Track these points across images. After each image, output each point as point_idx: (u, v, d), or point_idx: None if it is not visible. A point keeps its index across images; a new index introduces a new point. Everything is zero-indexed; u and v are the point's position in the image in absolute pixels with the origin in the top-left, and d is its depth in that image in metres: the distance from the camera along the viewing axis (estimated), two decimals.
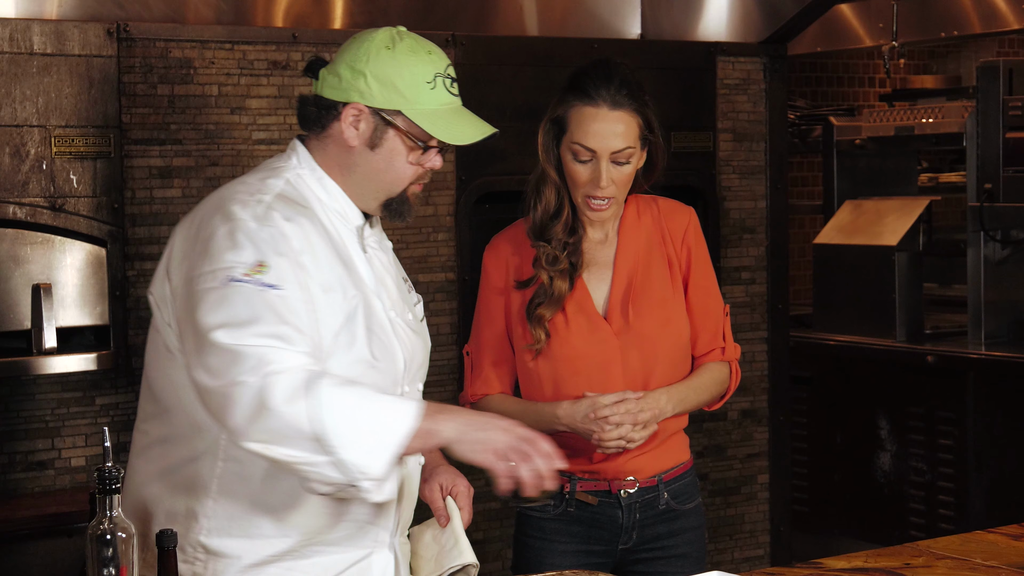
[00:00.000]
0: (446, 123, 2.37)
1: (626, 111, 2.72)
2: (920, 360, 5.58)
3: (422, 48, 2.38)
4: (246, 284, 2.21)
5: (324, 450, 2.13)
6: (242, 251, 2.24)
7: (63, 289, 3.69)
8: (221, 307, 2.20)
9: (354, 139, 2.37)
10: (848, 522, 5.88)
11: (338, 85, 2.37)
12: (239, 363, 2.15)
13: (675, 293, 2.86)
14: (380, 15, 4.47)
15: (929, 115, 6.21)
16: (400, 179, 2.40)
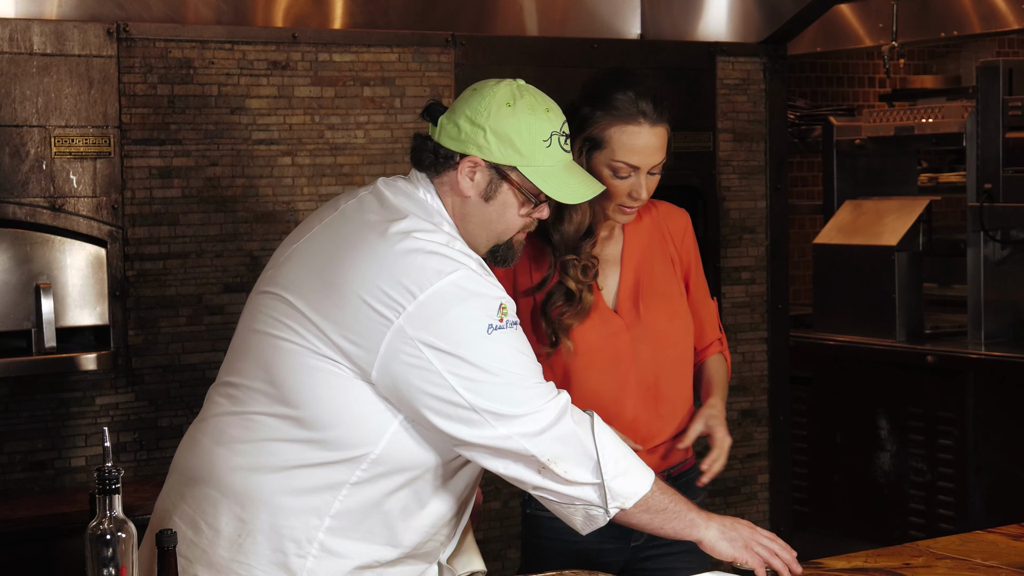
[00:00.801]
0: (558, 181, 2.43)
1: (663, 125, 2.77)
2: (920, 360, 5.58)
3: (541, 106, 2.44)
4: (505, 329, 2.36)
5: (599, 475, 2.39)
6: (486, 298, 2.35)
7: (63, 289, 3.69)
8: (499, 353, 2.33)
9: (469, 190, 2.43)
10: (848, 522, 5.88)
11: (457, 136, 2.43)
12: (534, 395, 2.35)
13: (678, 289, 2.93)
14: (380, 15, 4.47)
15: (929, 115, 6.21)
16: (510, 229, 2.48)
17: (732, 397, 4.71)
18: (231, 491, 2.40)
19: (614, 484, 2.39)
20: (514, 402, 2.33)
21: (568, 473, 2.37)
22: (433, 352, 2.29)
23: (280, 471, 2.39)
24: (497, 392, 2.32)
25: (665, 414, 2.87)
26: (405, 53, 4.19)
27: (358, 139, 4.13)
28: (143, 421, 3.88)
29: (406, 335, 2.29)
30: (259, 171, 4.01)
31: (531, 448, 2.34)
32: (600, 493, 2.39)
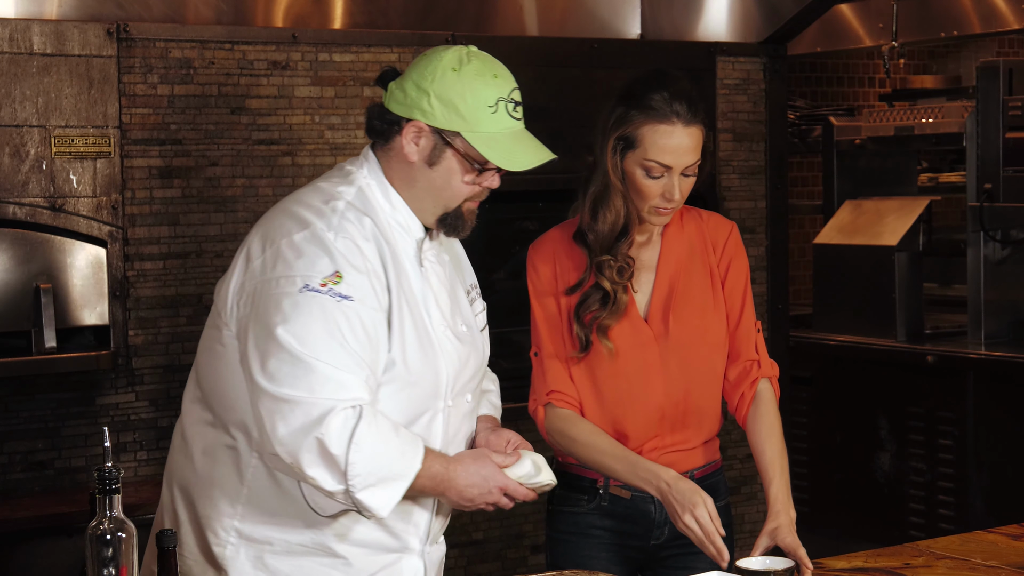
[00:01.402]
0: (503, 148, 2.41)
1: (696, 126, 2.75)
2: (920, 360, 5.57)
3: (488, 71, 2.43)
4: (322, 295, 2.30)
5: (344, 483, 2.29)
6: (319, 260, 2.32)
7: (63, 289, 3.69)
8: (295, 314, 2.29)
9: (414, 155, 2.43)
10: (848, 522, 5.88)
11: (403, 101, 2.42)
12: (304, 377, 2.27)
13: (715, 304, 2.87)
14: (380, 15, 4.47)
15: (929, 115, 6.21)
16: (456, 196, 2.45)
17: None
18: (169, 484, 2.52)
19: (361, 496, 2.30)
20: (282, 379, 2.27)
21: (313, 480, 2.29)
22: (256, 302, 2.34)
23: (197, 459, 2.47)
24: (271, 364, 2.28)
25: (692, 424, 2.84)
26: (405, 53, 4.19)
27: (358, 139, 4.13)
28: (143, 421, 3.88)
29: (247, 292, 2.37)
30: (259, 171, 4.01)
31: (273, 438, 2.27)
32: (350, 502, 2.32)
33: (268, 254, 2.36)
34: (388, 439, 2.32)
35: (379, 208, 2.45)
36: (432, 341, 2.46)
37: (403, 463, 2.34)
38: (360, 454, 2.27)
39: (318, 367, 2.27)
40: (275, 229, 2.39)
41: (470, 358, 2.56)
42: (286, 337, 2.28)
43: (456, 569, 4.29)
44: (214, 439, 2.46)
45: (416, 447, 2.36)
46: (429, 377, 2.45)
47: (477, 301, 2.68)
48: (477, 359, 2.60)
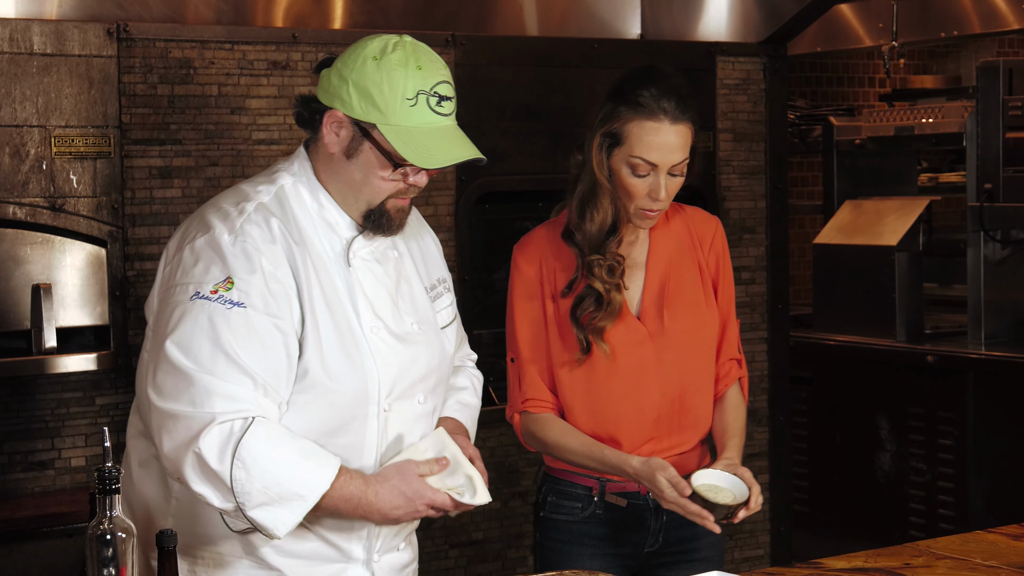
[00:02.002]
0: (420, 144, 2.30)
1: (684, 124, 2.69)
2: (920, 360, 5.58)
3: (412, 62, 2.31)
4: (211, 302, 2.24)
5: (232, 501, 2.22)
6: (212, 265, 2.27)
7: (63, 289, 3.69)
8: (183, 324, 2.25)
9: (334, 146, 2.35)
10: (848, 522, 5.88)
11: (327, 89, 2.36)
12: (186, 390, 2.22)
13: (706, 298, 2.85)
14: (380, 15, 4.47)
15: (929, 115, 6.21)
16: (376, 192, 2.37)
17: None
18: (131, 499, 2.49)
19: (254, 515, 2.23)
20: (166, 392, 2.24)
21: (202, 496, 2.24)
22: (158, 310, 2.32)
23: (136, 469, 2.47)
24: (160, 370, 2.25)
25: (688, 424, 2.82)
26: None
27: None
28: None
29: (157, 293, 2.36)
30: (259, 171, 4.00)
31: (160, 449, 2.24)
32: (245, 521, 2.25)
33: (175, 260, 2.33)
34: (284, 456, 2.23)
35: (302, 207, 2.38)
36: (358, 343, 2.36)
37: (304, 483, 2.23)
38: (245, 470, 2.19)
39: (200, 380, 2.21)
40: (185, 233, 2.36)
41: (419, 357, 2.46)
42: (172, 348, 2.23)
43: (456, 569, 4.29)
44: (146, 450, 2.43)
45: (324, 466, 2.26)
46: (355, 381, 2.36)
47: (444, 296, 2.59)
48: (431, 358, 2.50)
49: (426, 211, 4.18)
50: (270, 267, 2.28)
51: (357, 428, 2.38)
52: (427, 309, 2.53)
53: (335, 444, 2.35)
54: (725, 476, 2.65)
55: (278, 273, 2.29)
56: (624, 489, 2.80)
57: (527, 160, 4.32)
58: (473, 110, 4.19)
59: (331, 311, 2.35)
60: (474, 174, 4.24)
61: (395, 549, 2.52)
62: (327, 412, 2.34)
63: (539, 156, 3.91)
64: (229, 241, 2.28)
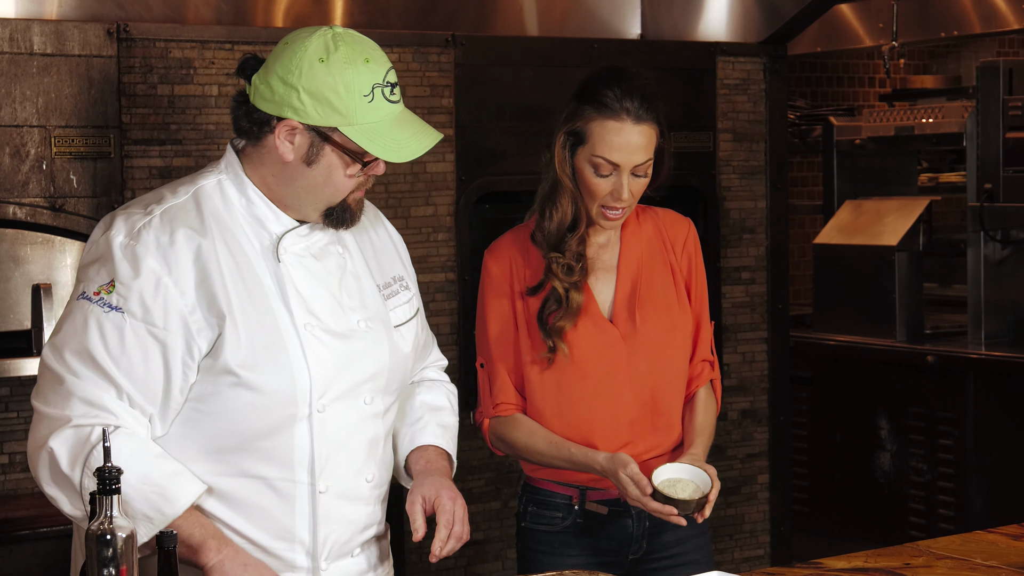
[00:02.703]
0: (385, 138, 2.26)
1: (648, 124, 2.68)
2: (920, 360, 5.58)
3: (359, 56, 2.24)
4: (91, 304, 2.22)
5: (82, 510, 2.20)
6: (100, 267, 2.24)
7: (63, 289, 3.69)
8: (64, 323, 2.25)
9: (289, 154, 2.28)
10: (848, 522, 5.88)
11: (271, 98, 2.27)
12: (51, 391, 2.21)
13: (679, 300, 2.83)
14: (380, 15, 4.47)
15: (929, 115, 6.21)
16: (340, 191, 2.32)
17: (732, 397, 4.71)
18: None
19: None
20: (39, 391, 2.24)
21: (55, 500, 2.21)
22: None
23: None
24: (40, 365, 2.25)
25: (662, 427, 2.81)
26: (405, 53, 4.19)
27: None
28: None
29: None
30: None
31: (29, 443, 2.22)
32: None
33: (82, 255, 2.33)
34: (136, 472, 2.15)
35: (227, 205, 2.32)
36: (285, 342, 2.29)
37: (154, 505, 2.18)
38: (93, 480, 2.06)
39: (66, 380, 2.19)
40: (98, 228, 2.33)
41: (364, 356, 2.38)
42: (48, 348, 2.23)
43: (456, 569, 4.29)
44: None
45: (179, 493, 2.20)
46: (280, 381, 2.28)
47: (400, 294, 2.51)
48: (380, 357, 2.41)
49: (426, 211, 4.18)
50: (158, 274, 2.23)
51: (285, 430, 2.30)
52: (378, 307, 2.45)
53: (263, 447, 2.29)
54: (686, 468, 2.64)
55: (166, 280, 2.23)
56: (604, 497, 2.78)
57: (527, 160, 4.31)
58: (473, 110, 4.19)
59: (256, 309, 2.28)
60: (474, 174, 4.24)
61: (348, 555, 2.43)
62: (250, 413, 2.28)
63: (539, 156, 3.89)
64: (122, 243, 2.24)
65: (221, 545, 2.24)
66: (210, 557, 2.23)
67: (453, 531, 2.39)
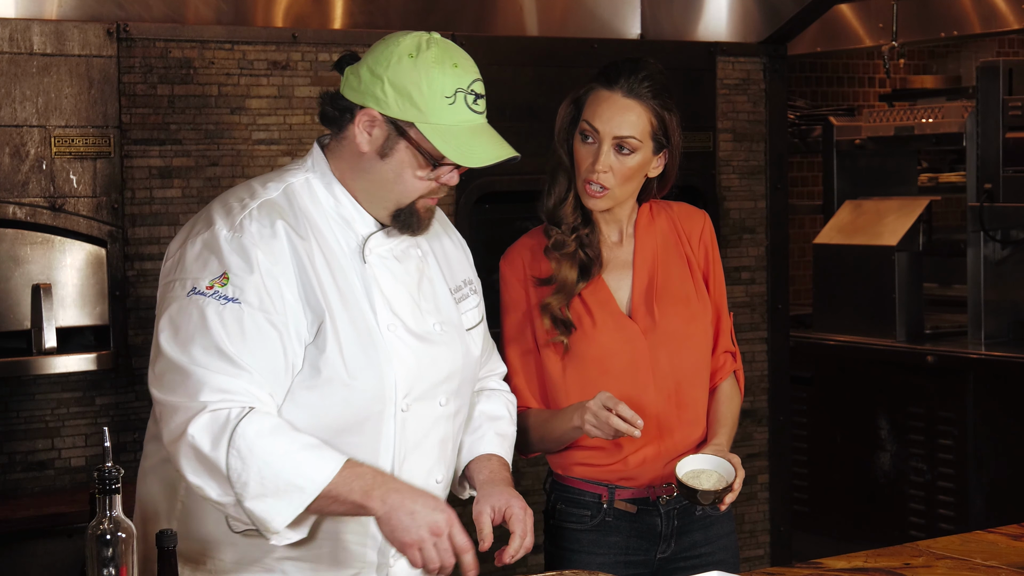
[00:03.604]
0: (460, 142, 2.28)
1: (640, 102, 2.69)
2: (920, 360, 5.58)
3: (448, 60, 2.28)
4: (206, 297, 2.22)
5: (231, 494, 2.18)
6: (209, 262, 2.25)
7: (63, 289, 3.69)
8: (178, 318, 2.23)
9: (365, 145, 2.31)
10: (848, 522, 5.88)
11: (357, 87, 2.31)
12: (183, 382, 2.20)
13: (697, 291, 2.84)
14: (380, 15, 4.47)
15: (929, 115, 6.21)
16: (409, 192, 2.33)
17: None
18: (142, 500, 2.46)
19: (251, 506, 2.17)
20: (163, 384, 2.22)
21: (200, 490, 2.20)
22: (160, 304, 2.30)
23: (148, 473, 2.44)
24: (157, 363, 2.24)
25: (688, 420, 2.80)
26: None
27: None
28: (143, 421, 3.87)
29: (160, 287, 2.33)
30: (259, 171, 4.01)
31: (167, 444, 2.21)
32: (244, 515, 2.20)
33: (176, 255, 2.32)
34: (282, 446, 2.18)
35: (316, 203, 2.34)
36: (374, 341, 2.32)
37: (303, 474, 2.18)
38: (240, 459, 2.14)
39: (195, 373, 2.19)
40: (190, 228, 2.34)
41: (440, 358, 2.42)
42: (168, 343, 2.22)
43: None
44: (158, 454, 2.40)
45: (326, 460, 2.20)
46: (371, 379, 2.31)
47: (470, 298, 2.55)
48: (454, 359, 2.45)
49: None
50: (267, 263, 2.25)
51: (372, 428, 2.33)
52: (451, 310, 2.49)
53: (348, 443, 2.31)
54: (710, 459, 2.65)
55: (275, 269, 2.26)
56: (634, 496, 2.79)
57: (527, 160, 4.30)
58: None
59: (347, 307, 2.31)
60: (474, 174, 4.23)
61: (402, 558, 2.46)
62: (342, 409, 2.30)
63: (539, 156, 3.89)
64: (227, 237, 2.26)
65: (386, 494, 2.22)
66: (376, 508, 2.22)
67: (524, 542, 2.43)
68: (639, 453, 2.75)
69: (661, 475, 2.77)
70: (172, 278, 2.29)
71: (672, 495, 2.77)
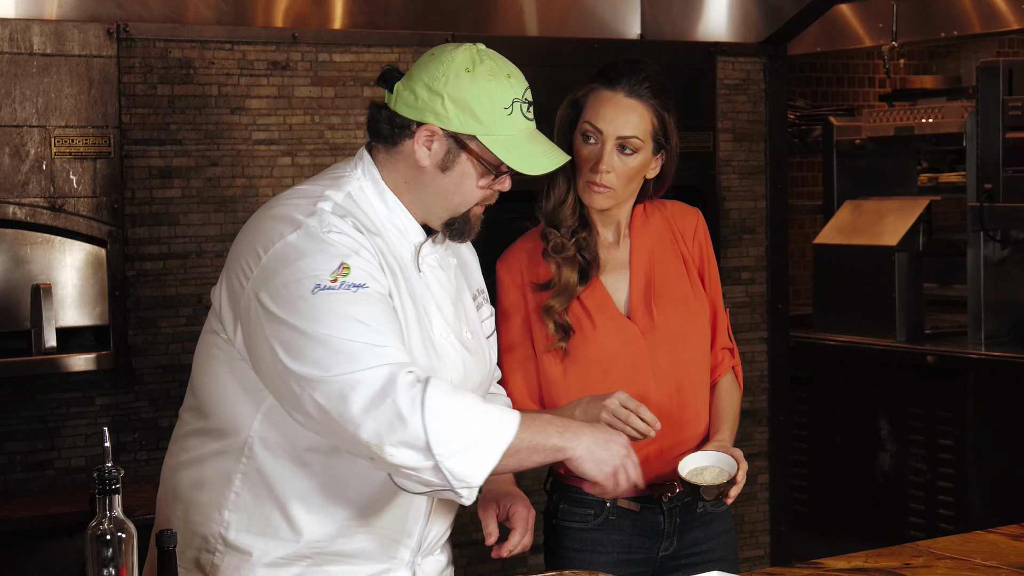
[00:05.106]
0: (520, 151, 2.33)
1: (642, 102, 2.71)
2: (920, 360, 5.58)
3: (502, 72, 2.32)
4: (336, 290, 2.21)
5: (430, 456, 2.16)
6: (321, 257, 2.23)
7: (63, 289, 3.69)
8: (319, 314, 2.20)
9: (426, 159, 2.33)
10: (848, 522, 5.88)
11: (414, 104, 2.33)
12: (355, 359, 2.17)
13: (694, 289, 2.85)
14: (380, 15, 4.47)
15: (929, 115, 6.21)
16: (467, 201, 2.37)
17: None
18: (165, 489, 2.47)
19: (450, 465, 2.17)
20: (330, 364, 2.17)
21: (394, 456, 2.16)
22: (264, 314, 2.24)
23: (189, 466, 2.43)
24: (313, 355, 2.18)
25: (689, 419, 2.81)
26: (405, 53, 4.19)
27: (358, 139, 4.13)
28: (143, 421, 3.88)
29: (251, 298, 2.27)
30: (259, 171, 4.02)
31: (347, 422, 2.16)
32: (440, 476, 2.19)
33: (267, 260, 2.26)
34: (466, 402, 2.20)
35: (372, 212, 2.36)
36: (436, 348, 2.37)
37: (491, 427, 2.21)
38: (437, 419, 2.14)
39: (362, 346, 2.17)
40: (265, 234, 2.29)
41: (475, 366, 2.47)
42: (318, 330, 2.18)
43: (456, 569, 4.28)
44: (204, 447, 2.40)
45: (505, 412, 2.24)
46: None
47: (484, 307, 2.60)
48: (483, 367, 2.51)
49: None
50: (368, 255, 2.27)
51: None
52: (475, 319, 2.54)
53: None
54: (712, 455, 2.67)
55: (374, 259, 2.29)
56: (637, 494, 2.78)
57: None
58: None
59: (416, 313, 2.35)
60: None
61: (433, 553, 2.52)
62: None
63: None
64: (326, 232, 2.25)
65: (578, 434, 2.29)
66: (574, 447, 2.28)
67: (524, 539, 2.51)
68: (642, 452, 2.74)
69: (664, 473, 2.77)
70: (279, 281, 2.23)
71: (675, 493, 2.78)
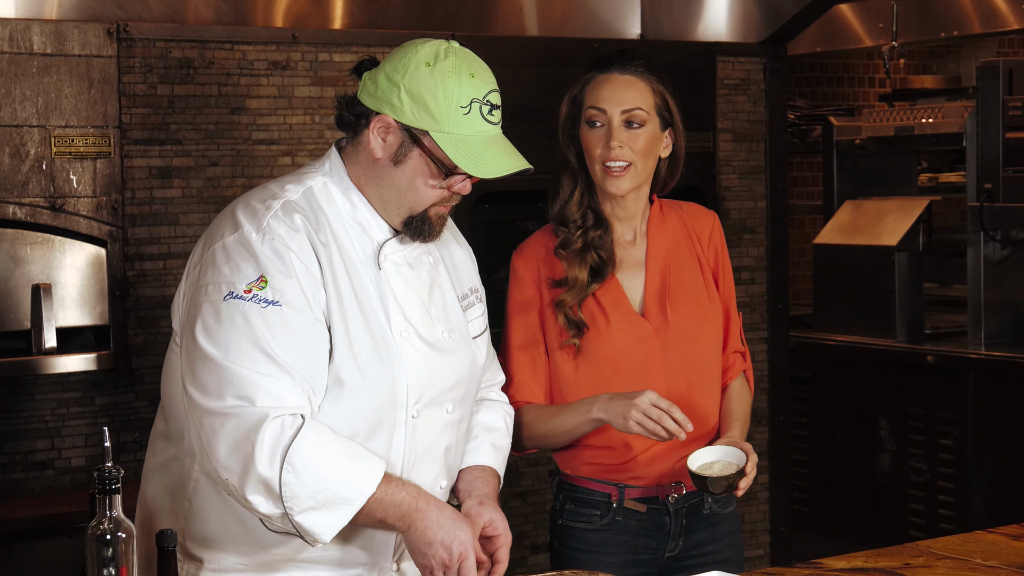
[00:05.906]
0: (471, 152, 2.29)
1: (638, 77, 2.75)
2: (920, 360, 5.58)
3: (465, 69, 2.28)
4: (246, 301, 2.21)
5: (282, 506, 2.17)
6: (244, 264, 2.23)
7: (63, 289, 3.69)
8: (219, 323, 2.21)
9: (379, 151, 2.31)
10: (848, 522, 5.88)
11: (374, 93, 2.31)
12: (231, 385, 2.17)
13: (708, 291, 2.85)
14: (380, 15, 4.47)
15: (929, 115, 6.21)
16: (421, 200, 2.34)
17: None
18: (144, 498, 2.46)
19: (300, 519, 2.18)
20: (213, 392, 2.18)
21: (249, 500, 2.18)
22: (190, 310, 2.27)
23: (155, 471, 2.43)
24: (204, 377, 2.19)
25: (699, 419, 2.79)
26: None
27: None
28: (143, 421, 3.88)
29: (187, 293, 2.31)
30: (259, 171, 4.01)
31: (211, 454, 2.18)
32: (290, 525, 2.20)
33: (205, 259, 2.29)
34: (331, 458, 2.19)
35: (333, 208, 2.34)
36: (388, 347, 2.32)
37: (350, 485, 2.20)
38: (295, 474, 2.14)
39: (245, 375, 2.17)
40: (214, 231, 2.32)
41: (448, 367, 2.42)
42: (209, 348, 2.19)
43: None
44: (166, 452, 2.39)
45: (370, 468, 2.22)
46: (385, 385, 2.31)
47: (476, 306, 2.56)
48: (460, 367, 2.46)
49: None
50: (301, 264, 2.25)
51: (385, 434, 2.33)
52: (459, 318, 2.49)
53: None
54: (722, 449, 2.67)
55: (310, 269, 2.26)
56: (643, 495, 2.79)
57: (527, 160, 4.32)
58: None
59: (363, 312, 2.31)
60: None
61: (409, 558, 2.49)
62: (355, 415, 2.29)
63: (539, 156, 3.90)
64: (258, 239, 2.24)
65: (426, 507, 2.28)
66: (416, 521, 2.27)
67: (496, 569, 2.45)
68: (648, 452, 2.75)
69: (671, 473, 2.78)
70: (203, 282, 2.26)
71: (681, 493, 2.78)
